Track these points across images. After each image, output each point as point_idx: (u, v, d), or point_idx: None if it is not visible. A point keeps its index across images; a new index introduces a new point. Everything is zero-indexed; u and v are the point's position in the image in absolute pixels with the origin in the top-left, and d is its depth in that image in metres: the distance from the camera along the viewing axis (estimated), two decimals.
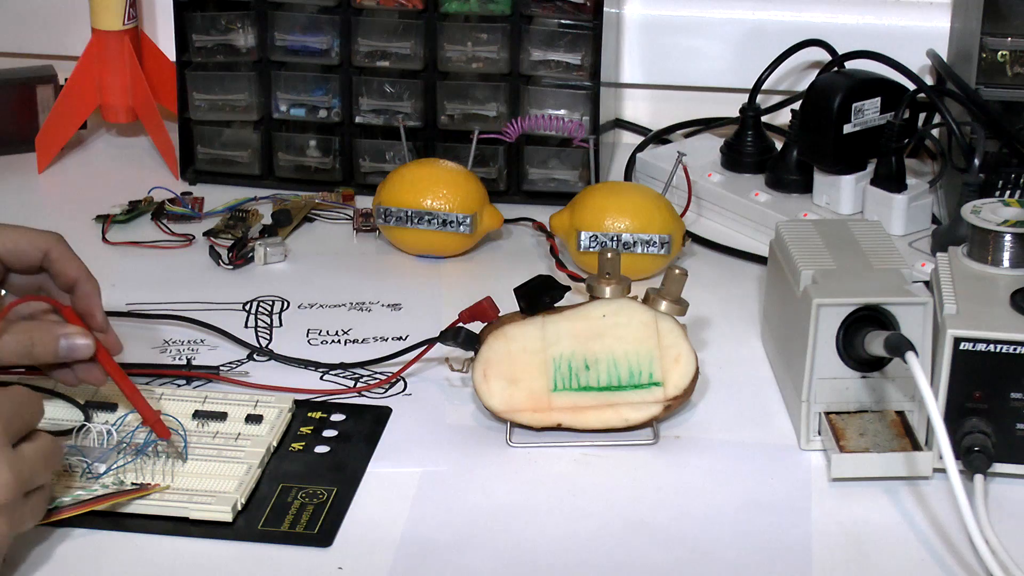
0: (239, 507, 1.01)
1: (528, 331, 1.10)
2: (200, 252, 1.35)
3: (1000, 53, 1.36)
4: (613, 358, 1.09)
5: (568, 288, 1.12)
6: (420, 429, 1.11)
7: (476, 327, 1.12)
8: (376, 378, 1.17)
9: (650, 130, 1.57)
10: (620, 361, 1.09)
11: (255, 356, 1.20)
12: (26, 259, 1.06)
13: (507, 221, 1.38)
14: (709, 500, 1.04)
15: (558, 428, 1.10)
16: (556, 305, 1.11)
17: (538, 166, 1.45)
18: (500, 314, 1.12)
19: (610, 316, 1.10)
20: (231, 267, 1.33)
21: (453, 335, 1.11)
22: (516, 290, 1.11)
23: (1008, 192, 1.34)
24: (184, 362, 1.18)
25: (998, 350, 1.03)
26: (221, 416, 1.09)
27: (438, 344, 1.14)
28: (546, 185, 1.45)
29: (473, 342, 1.10)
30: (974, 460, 1.03)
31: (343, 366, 1.18)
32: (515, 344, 1.10)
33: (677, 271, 1.11)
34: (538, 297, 1.10)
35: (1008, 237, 1.11)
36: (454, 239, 1.34)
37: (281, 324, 1.25)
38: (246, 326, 1.24)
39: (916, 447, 1.05)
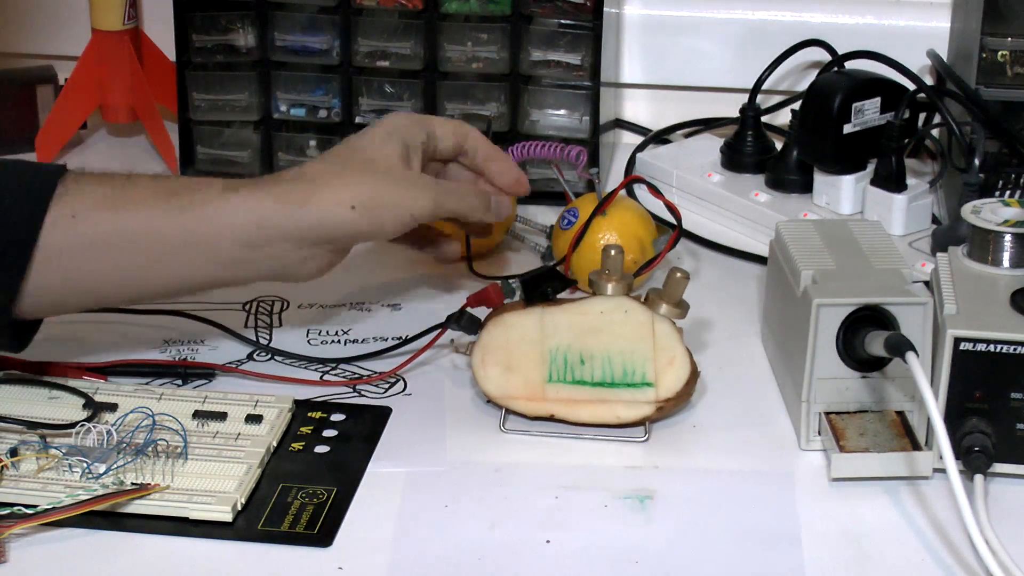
0: (239, 507, 1.01)
1: (527, 320, 1.10)
2: None
3: (1000, 53, 1.36)
4: (608, 355, 1.09)
5: (574, 282, 1.12)
6: (420, 429, 1.11)
7: (482, 312, 1.13)
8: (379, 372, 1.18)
9: (650, 130, 1.57)
10: (615, 359, 1.09)
11: (256, 356, 1.20)
12: (449, 144, 1.18)
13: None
14: (708, 500, 1.04)
15: (551, 419, 1.10)
16: (558, 297, 1.11)
17: (539, 165, 1.45)
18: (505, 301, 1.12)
19: (608, 313, 1.10)
20: None
21: (457, 318, 1.13)
22: (520, 277, 1.12)
23: (1008, 192, 1.34)
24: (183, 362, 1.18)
25: (998, 350, 1.03)
26: (221, 416, 1.09)
27: (437, 344, 1.14)
28: (546, 185, 1.45)
29: (475, 326, 1.12)
30: (974, 460, 1.03)
31: (347, 360, 1.18)
32: (513, 332, 1.10)
33: (679, 274, 1.11)
34: (537, 286, 1.11)
35: (1008, 237, 1.11)
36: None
37: (281, 324, 1.25)
38: (246, 326, 1.24)
39: (916, 447, 1.05)
